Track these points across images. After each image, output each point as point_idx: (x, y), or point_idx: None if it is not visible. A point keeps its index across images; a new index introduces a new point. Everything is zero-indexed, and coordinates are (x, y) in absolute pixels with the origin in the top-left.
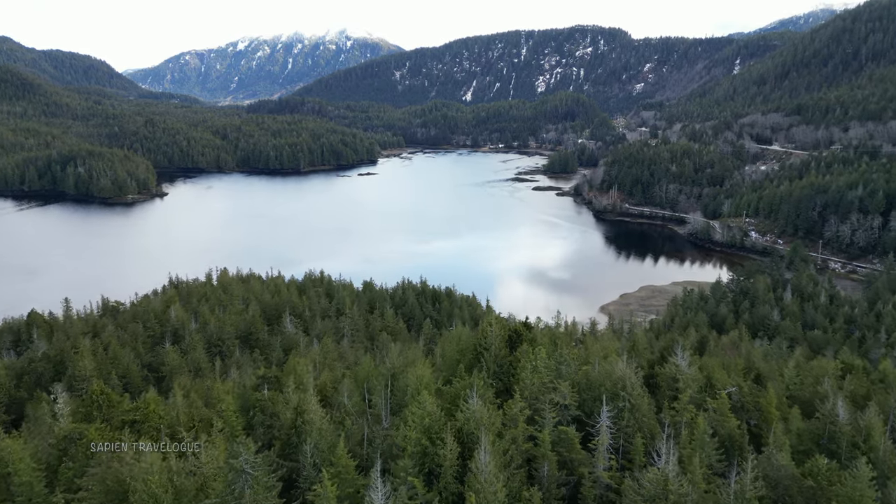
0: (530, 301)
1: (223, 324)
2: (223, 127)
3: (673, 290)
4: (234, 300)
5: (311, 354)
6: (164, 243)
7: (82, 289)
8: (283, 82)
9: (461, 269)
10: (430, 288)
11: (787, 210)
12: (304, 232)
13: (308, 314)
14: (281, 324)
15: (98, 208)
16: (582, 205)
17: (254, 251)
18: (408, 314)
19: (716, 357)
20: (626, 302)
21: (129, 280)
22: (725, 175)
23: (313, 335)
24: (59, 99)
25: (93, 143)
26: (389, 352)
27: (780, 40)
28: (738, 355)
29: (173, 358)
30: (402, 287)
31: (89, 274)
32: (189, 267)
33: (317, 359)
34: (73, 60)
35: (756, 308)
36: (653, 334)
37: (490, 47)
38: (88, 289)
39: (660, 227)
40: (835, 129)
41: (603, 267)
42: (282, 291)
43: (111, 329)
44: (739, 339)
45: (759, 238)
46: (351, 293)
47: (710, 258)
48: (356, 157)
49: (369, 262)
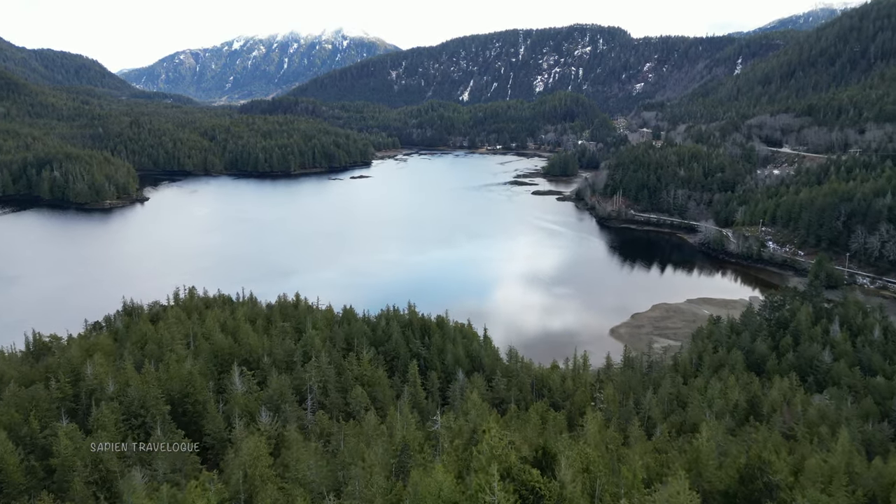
0: (533, 325)
1: (149, 385)
2: (211, 128)
3: (688, 310)
4: (177, 344)
5: (238, 461)
6: (136, 254)
7: (24, 314)
8: (279, 82)
9: (456, 285)
10: (419, 317)
11: (808, 219)
12: (289, 241)
13: (267, 361)
14: (231, 376)
15: (73, 215)
16: (584, 210)
17: (231, 263)
18: (391, 352)
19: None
20: (639, 324)
21: (85, 300)
22: (737, 180)
23: (261, 406)
24: (45, 99)
25: (76, 144)
26: None
27: (782, 39)
28: (796, 420)
29: (66, 445)
30: (385, 317)
31: (41, 293)
32: (158, 281)
33: (245, 468)
34: (65, 60)
35: (801, 346)
36: (680, 377)
37: (487, 46)
38: (31, 315)
39: (668, 236)
40: (849, 130)
41: (610, 280)
42: (240, 328)
43: (8, 392)
44: (791, 391)
45: (777, 249)
46: (325, 327)
47: (725, 270)
48: (349, 159)
49: (358, 274)
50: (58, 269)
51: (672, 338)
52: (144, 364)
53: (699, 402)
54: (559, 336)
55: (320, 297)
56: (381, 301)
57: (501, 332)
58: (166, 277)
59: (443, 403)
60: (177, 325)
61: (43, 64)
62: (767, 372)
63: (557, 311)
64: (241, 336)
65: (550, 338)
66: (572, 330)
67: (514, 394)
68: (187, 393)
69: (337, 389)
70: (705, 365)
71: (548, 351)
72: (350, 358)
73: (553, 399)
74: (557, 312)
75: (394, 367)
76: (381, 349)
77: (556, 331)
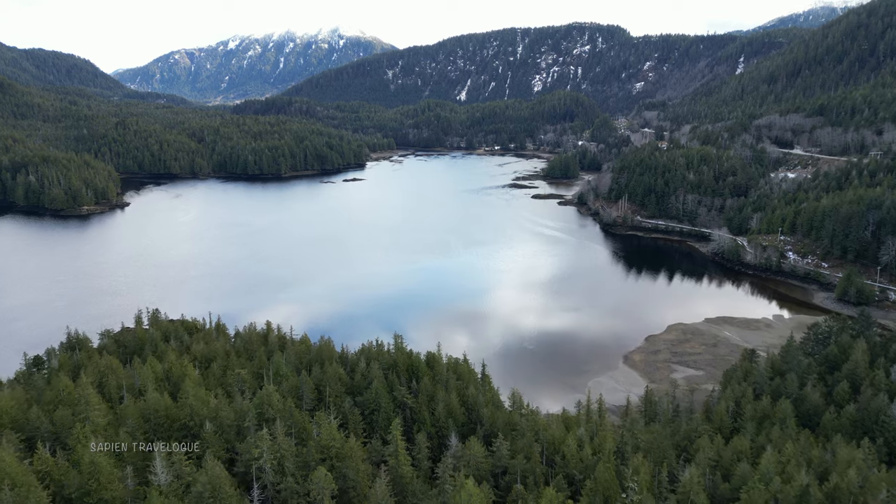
0: (537, 352)
1: (29, 488)
2: (200, 129)
3: (707, 332)
4: (94, 411)
5: None
6: (107, 265)
7: None
8: (275, 82)
9: (450, 302)
10: (407, 352)
11: (832, 228)
12: (274, 250)
13: (210, 430)
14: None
15: (47, 222)
16: (587, 216)
17: (209, 276)
18: (371, 404)
19: None
20: (655, 349)
21: (37, 324)
22: (750, 184)
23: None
24: (31, 99)
25: (59, 146)
26: None
27: (785, 37)
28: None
29: None
30: (366, 355)
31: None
32: (124, 299)
33: None
34: (56, 59)
35: (862, 395)
36: (718, 435)
37: (485, 45)
38: None
39: (677, 244)
40: (866, 131)
41: (618, 295)
42: (186, 379)
43: None
44: (865, 464)
45: (798, 260)
46: (292, 374)
47: (741, 283)
48: (342, 161)
49: (345, 288)
50: (15, 286)
51: (692, 366)
52: (38, 446)
53: (754, 483)
54: (568, 366)
55: (302, 315)
56: (368, 321)
57: (501, 364)
58: (134, 293)
59: (432, 476)
60: (110, 374)
61: (34, 64)
62: (824, 428)
63: (564, 334)
64: (183, 393)
65: (558, 368)
66: (582, 357)
67: (520, 463)
68: (87, 492)
69: (297, 467)
70: (746, 416)
71: (556, 386)
72: (318, 417)
73: (568, 471)
74: (564, 335)
75: (373, 424)
76: (359, 399)
77: (565, 359)
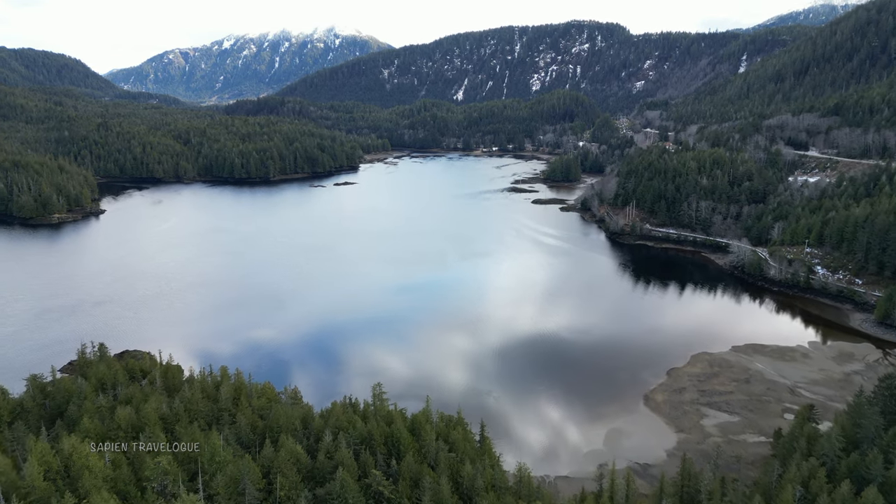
0: (546, 398)
1: None
2: (186, 131)
3: (737, 363)
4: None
5: None
6: (70, 282)
7: None
8: (270, 81)
9: (445, 330)
10: (387, 416)
11: (865, 241)
12: (253, 266)
13: None
14: None
15: (14, 232)
16: (591, 223)
17: (177, 294)
18: (335, 500)
19: None
20: (679, 386)
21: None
22: (768, 189)
23: None
24: (14, 100)
25: (38, 148)
26: None
27: (788, 35)
28: None
29: None
30: (335, 420)
31: None
32: (79, 322)
33: None
34: (46, 59)
35: None
36: None
37: (482, 44)
38: None
39: (691, 255)
40: (888, 132)
41: (631, 315)
42: (88, 470)
43: None
44: None
45: (828, 275)
46: (239, 446)
47: (765, 300)
48: (334, 164)
49: (328, 312)
50: None
51: (725, 409)
52: None
53: None
54: (581, 409)
55: (272, 346)
56: (349, 356)
57: (502, 411)
58: (96, 313)
59: None
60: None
61: (24, 64)
62: None
63: (574, 366)
64: (122, 478)
65: (570, 412)
66: (596, 396)
67: None
68: None
69: None
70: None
71: (569, 437)
72: None
73: None
74: (574, 367)
75: None
76: (320, 493)
77: (577, 399)
